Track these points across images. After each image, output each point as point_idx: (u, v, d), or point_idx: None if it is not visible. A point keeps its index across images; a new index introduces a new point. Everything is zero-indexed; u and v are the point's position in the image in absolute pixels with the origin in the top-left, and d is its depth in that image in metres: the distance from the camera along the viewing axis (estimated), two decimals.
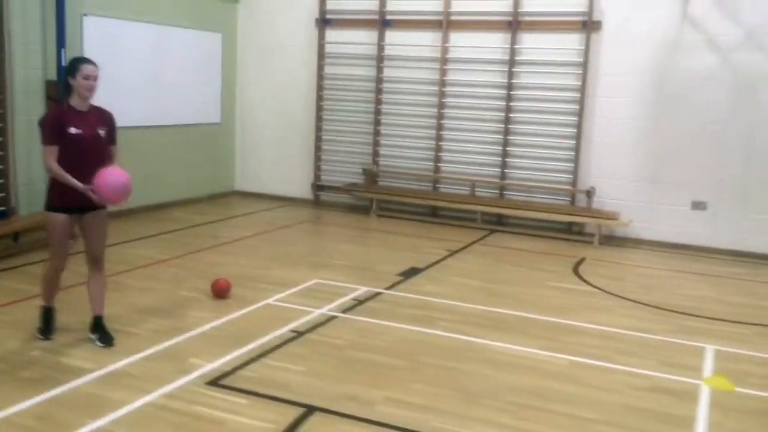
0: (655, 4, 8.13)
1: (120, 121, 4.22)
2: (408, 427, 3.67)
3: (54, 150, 4.26)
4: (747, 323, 5.64)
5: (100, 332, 4.56)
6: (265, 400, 3.90)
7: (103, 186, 4.19)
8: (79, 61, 4.41)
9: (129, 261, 6.57)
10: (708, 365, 4.72)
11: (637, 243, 8.41)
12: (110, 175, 4.22)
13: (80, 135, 4.29)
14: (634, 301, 6.11)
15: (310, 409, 3.81)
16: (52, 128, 4.28)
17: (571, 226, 8.72)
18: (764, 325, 5.61)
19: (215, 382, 4.11)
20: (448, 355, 4.69)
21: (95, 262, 4.57)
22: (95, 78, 4.35)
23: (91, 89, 4.34)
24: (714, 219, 8.14)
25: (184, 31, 9.33)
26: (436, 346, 4.84)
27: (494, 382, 4.29)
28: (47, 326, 4.64)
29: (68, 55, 7.55)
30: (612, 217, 8.30)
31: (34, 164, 7.16)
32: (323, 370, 4.37)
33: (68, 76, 4.35)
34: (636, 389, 4.28)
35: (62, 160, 4.26)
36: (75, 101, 4.36)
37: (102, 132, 4.42)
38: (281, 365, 4.39)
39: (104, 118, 4.50)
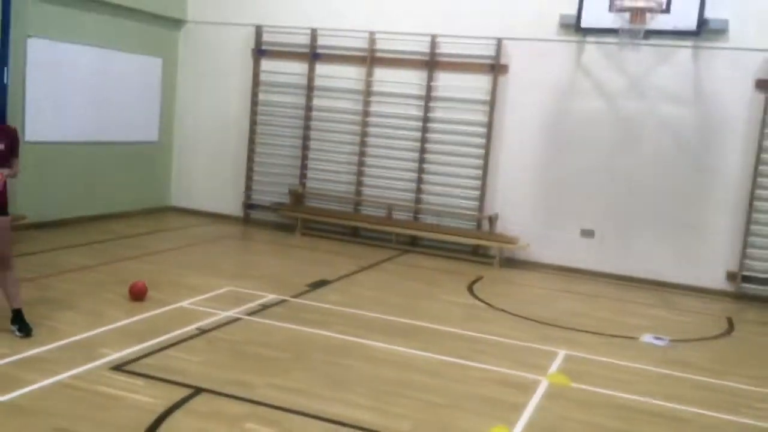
0: (552, 53, 9.08)
1: (62, 136, 4.73)
2: (279, 405, 4.33)
3: None
4: (602, 334, 6.47)
5: (19, 323, 5.10)
6: (160, 383, 4.51)
7: None
8: None
9: (57, 266, 7.12)
10: (555, 365, 5.50)
11: (534, 266, 9.26)
12: None
13: None
14: (511, 314, 6.90)
15: (197, 390, 4.44)
16: None
17: (477, 249, 9.53)
18: (615, 336, 6.46)
19: (119, 367, 4.70)
20: (332, 352, 5.37)
21: (2, 262, 5.08)
22: None
23: None
24: (600, 246, 9.05)
25: (126, 55, 9.94)
26: (323, 345, 5.52)
27: (366, 374, 4.98)
28: None
29: (11, 75, 8.13)
30: (511, 241, 9.15)
31: None
32: (217, 360, 5.00)
33: None
34: (486, 381, 5.03)
35: None
36: None
37: (1, 146, 5.01)
38: (181, 356, 5.01)
39: (5, 133, 5.12)
